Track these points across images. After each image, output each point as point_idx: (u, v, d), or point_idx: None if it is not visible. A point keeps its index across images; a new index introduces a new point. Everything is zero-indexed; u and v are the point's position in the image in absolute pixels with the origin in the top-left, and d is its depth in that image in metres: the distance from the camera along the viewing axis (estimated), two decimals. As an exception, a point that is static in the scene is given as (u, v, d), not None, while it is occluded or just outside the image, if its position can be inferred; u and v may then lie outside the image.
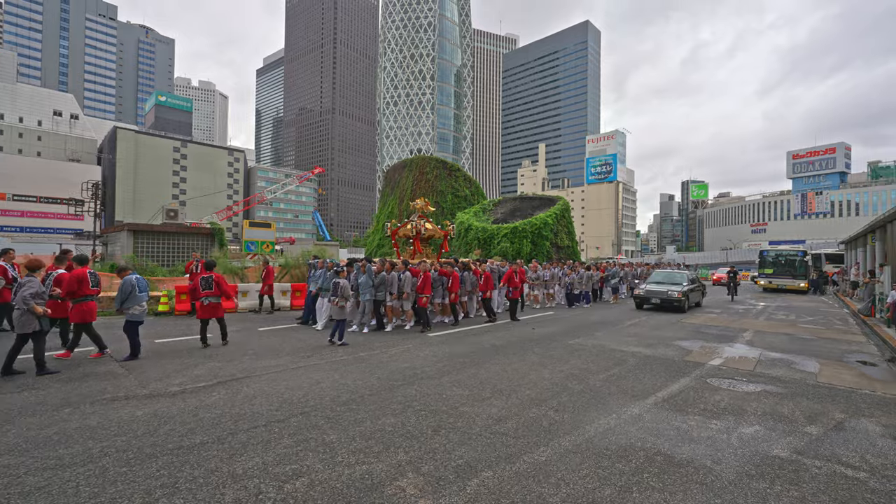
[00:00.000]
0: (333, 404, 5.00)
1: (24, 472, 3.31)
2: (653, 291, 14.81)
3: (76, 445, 3.77)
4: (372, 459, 3.64)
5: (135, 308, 6.98)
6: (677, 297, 14.23)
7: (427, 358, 7.44)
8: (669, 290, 14.56)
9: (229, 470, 3.41)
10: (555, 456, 3.78)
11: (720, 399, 5.47)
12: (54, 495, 2.99)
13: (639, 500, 3.11)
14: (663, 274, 16.84)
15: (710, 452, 3.91)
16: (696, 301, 16.13)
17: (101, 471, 3.35)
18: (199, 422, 4.38)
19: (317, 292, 10.75)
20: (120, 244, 18.57)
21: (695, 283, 16.14)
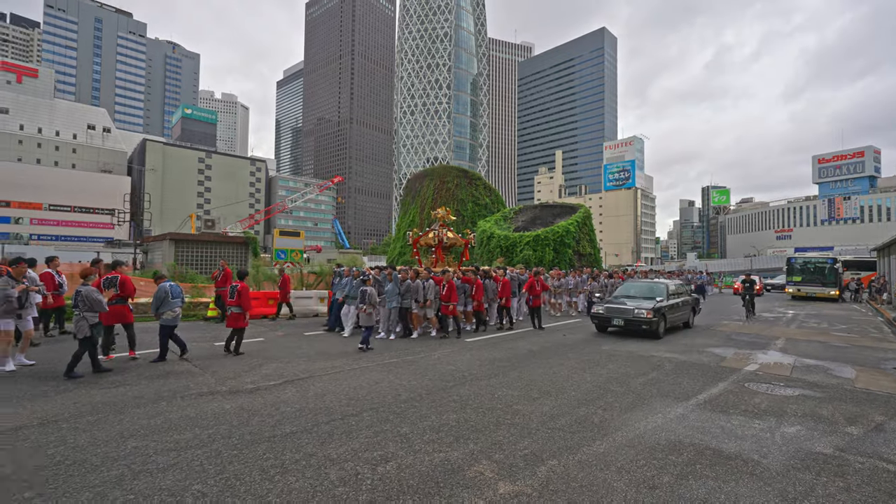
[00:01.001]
0: (396, 402, 5.45)
1: (153, 452, 3.83)
2: (614, 310, 10.93)
3: (185, 432, 4.30)
4: (446, 448, 4.07)
5: (168, 313, 7.44)
6: (646, 318, 10.32)
7: (470, 362, 7.85)
8: (637, 307, 10.59)
9: (325, 454, 3.88)
10: (611, 449, 4.14)
11: (760, 401, 5.74)
12: (186, 471, 3.50)
13: (695, 486, 3.46)
14: (638, 285, 12.76)
15: (755, 448, 4.22)
16: (684, 320, 12.42)
17: (216, 453, 3.85)
18: (283, 415, 4.87)
19: (343, 300, 10.97)
20: (161, 252, 19.56)
21: (680, 297, 12.33)
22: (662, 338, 10.57)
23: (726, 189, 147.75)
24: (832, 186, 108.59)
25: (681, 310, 12.04)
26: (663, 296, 11.51)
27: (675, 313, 11.61)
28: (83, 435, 4.19)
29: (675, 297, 11.92)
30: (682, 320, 12.29)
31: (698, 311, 13.95)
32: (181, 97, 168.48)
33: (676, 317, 11.81)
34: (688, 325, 12.68)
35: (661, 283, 12.28)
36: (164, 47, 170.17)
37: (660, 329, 10.57)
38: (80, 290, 6.58)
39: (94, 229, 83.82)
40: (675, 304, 11.70)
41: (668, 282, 12.52)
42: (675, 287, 12.49)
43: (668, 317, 11.06)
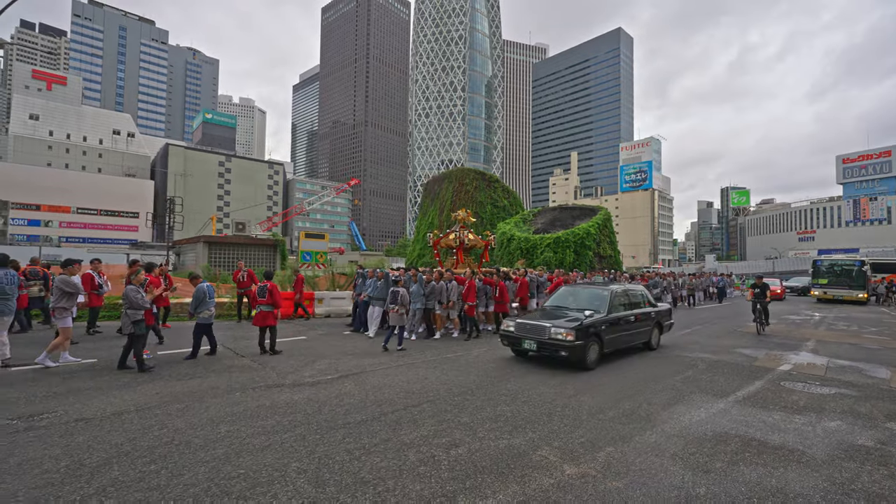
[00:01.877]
0: (450, 395, 5.81)
1: (245, 436, 4.26)
2: (527, 327, 7.80)
3: (267, 419, 4.73)
4: (507, 436, 4.42)
5: (204, 312, 7.76)
6: (564, 342, 7.23)
7: (512, 360, 8.18)
8: (555, 326, 7.45)
9: (398, 439, 4.26)
10: (661, 438, 4.44)
11: (798, 399, 5.95)
12: (280, 452, 3.92)
13: (746, 471, 3.74)
14: (580, 293, 9.15)
15: (799, 440, 4.48)
16: (642, 340, 9.18)
17: (301, 437, 4.26)
18: (350, 405, 5.28)
19: (368, 301, 11.07)
20: (195, 254, 20.34)
21: (634, 308, 9.04)
22: (596, 368, 7.50)
23: (746, 190, 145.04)
24: (857, 187, 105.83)
25: (632, 327, 8.68)
26: (601, 308, 8.18)
27: (620, 332, 8.29)
28: (178, 420, 4.65)
29: (622, 309, 8.59)
30: (635, 341, 8.92)
31: (667, 327, 10.16)
32: (201, 102, 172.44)
33: (624, 337, 8.47)
34: (649, 345, 9.35)
35: (602, 291, 8.75)
36: (184, 53, 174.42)
37: (587, 356, 7.36)
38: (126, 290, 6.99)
39: (119, 231, 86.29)
40: (621, 320, 8.36)
41: (616, 287, 9.03)
42: (625, 295, 9.02)
43: (608, 338, 7.90)
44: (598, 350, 7.69)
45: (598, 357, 7.67)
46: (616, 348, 8.36)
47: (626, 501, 3.21)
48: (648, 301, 9.74)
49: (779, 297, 25.32)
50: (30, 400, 5.20)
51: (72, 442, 4.01)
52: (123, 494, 3.13)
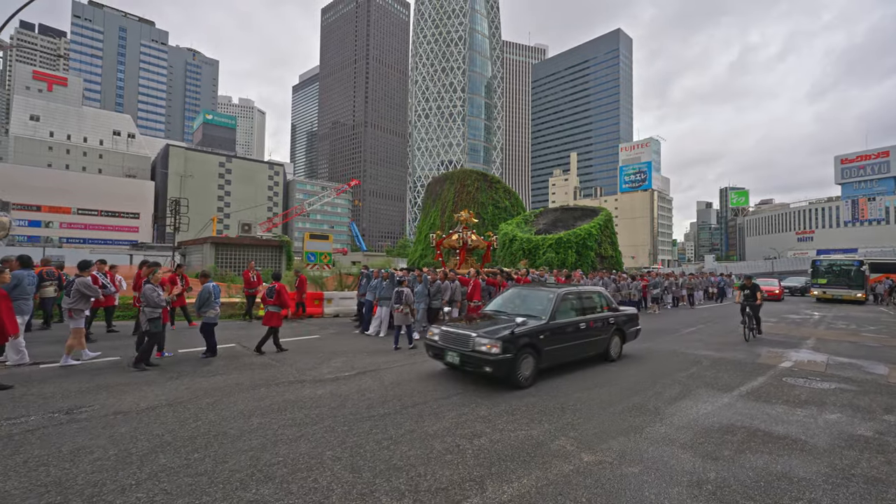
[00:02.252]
0: (465, 391, 6.04)
1: (277, 427, 4.49)
2: (451, 337, 6.61)
3: (296, 412, 4.96)
4: (525, 427, 4.65)
5: (210, 312, 7.82)
6: (489, 354, 6.02)
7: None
8: (479, 335, 6.24)
9: (422, 430, 4.50)
10: (671, 431, 4.68)
11: (799, 393, 6.20)
12: (313, 442, 4.15)
13: (753, 458, 3.98)
14: (524, 294, 8.08)
15: (801, 431, 4.72)
16: (596, 350, 7.82)
17: (330, 428, 4.50)
18: (371, 400, 5.52)
19: (376, 301, 11.11)
20: (201, 255, 20.54)
21: (586, 313, 7.70)
22: (530, 386, 6.23)
23: (745, 190, 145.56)
24: (856, 187, 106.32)
25: (583, 335, 7.34)
26: (543, 314, 6.92)
27: (565, 342, 6.97)
28: (210, 413, 4.88)
29: (572, 315, 7.33)
30: (587, 352, 7.58)
31: (631, 335, 8.68)
32: (201, 103, 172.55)
33: (571, 348, 7.15)
34: (607, 356, 7.98)
35: (547, 293, 7.46)
36: (184, 54, 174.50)
37: (517, 372, 6.10)
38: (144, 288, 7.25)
39: (119, 232, 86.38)
40: (567, 328, 7.05)
41: (564, 289, 7.65)
42: (577, 298, 7.69)
43: (549, 349, 6.59)
44: (534, 364, 6.36)
45: (533, 373, 6.35)
46: (559, 362, 7.01)
47: (642, 485, 3.44)
48: (608, 304, 8.34)
49: (776, 298, 25.40)
50: (65, 395, 5.42)
51: (115, 433, 4.24)
52: (174, 479, 3.36)
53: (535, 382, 6.47)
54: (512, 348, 6.05)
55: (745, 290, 11.49)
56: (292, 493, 3.20)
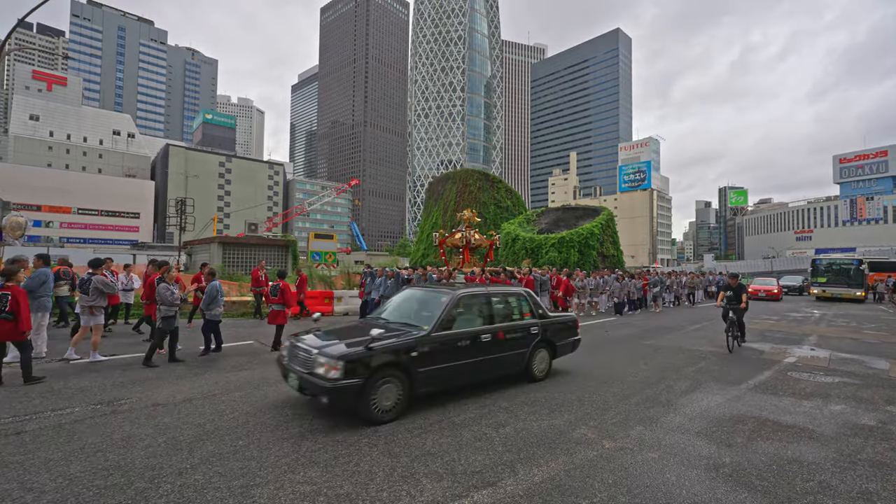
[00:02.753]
0: (482, 385, 6.27)
1: (312, 418, 4.72)
2: (297, 353, 4.99)
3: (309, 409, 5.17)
4: (546, 418, 4.89)
5: (216, 310, 7.97)
6: (325, 379, 4.41)
7: (529, 353, 8.65)
8: (323, 351, 4.68)
9: (449, 420, 4.73)
10: (685, 420, 4.92)
11: (804, 386, 6.45)
12: (347, 430, 4.37)
13: (764, 445, 4.22)
14: (417, 295, 6.43)
15: (808, 420, 4.96)
16: (513, 368, 6.23)
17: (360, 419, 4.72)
18: (395, 392, 5.74)
19: (379, 299, 11.23)
20: (208, 254, 20.74)
21: (503, 321, 6.19)
22: (392, 420, 4.70)
23: (744, 190, 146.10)
24: (854, 186, 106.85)
25: (489, 350, 5.72)
26: (427, 321, 5.40)
27: (456, 360, 5.35)
28: (244, 405, 5.11)
29: (477, 323, 5.79)
30: (495, 371, 5.93)
31: (564, 348, 6.96)
32: (200, 102, 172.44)
33: (467, 367, 5.48)
34: (528, 374, 6.34)
35: (440, 295, 5.86)
36: (183, 53, 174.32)
37: (372, 403, 4.59)
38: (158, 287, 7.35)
39: (120, 232, 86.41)
40: (459, 340, 5.43)
41: (466, 291, 6.03)
42: (486, 303, 6.08)
43: (428, 370, 5.03)
44: (401, 391, 4.77)
45: (401, 403, 4.77)
46: (447, 386, 5.38)
47: (663, 468, 3.68)
48: (532, 311, 6.59)
49: (775, 298, 25.33)
50: (101, 389, 5.64)
51: (159, 423, 4.46)
52: (226, 463, 3.59)
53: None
54: (361, 371, 4.46)
55: (727, 290, 9.76)
56: (338, 476, 3.43)
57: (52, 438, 4.02)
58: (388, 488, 3.26)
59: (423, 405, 5.19)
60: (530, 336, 6.37)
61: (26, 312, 5.99)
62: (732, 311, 9.49)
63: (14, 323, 5.68)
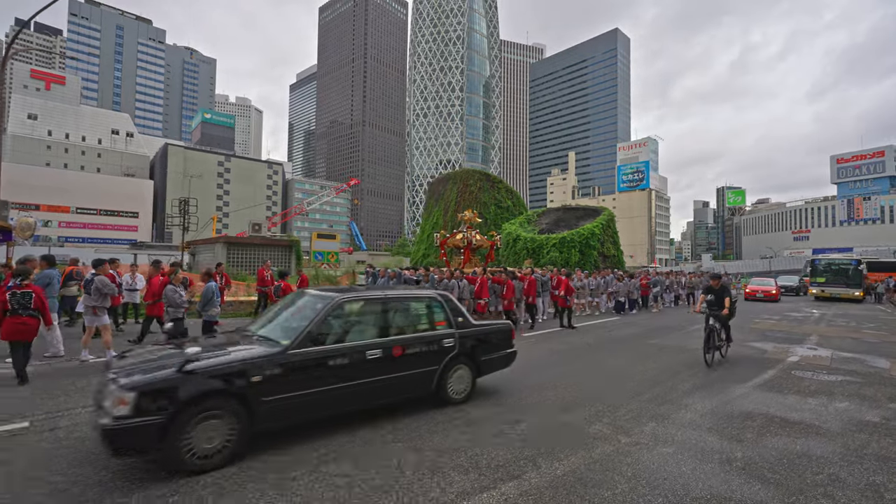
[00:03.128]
0: (494, 382, 6.42)
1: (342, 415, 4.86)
2: (108, 380, 3.61)
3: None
4: (561, 415, 5.04)
5: (212, 311, 7.83)
6: (110, 416, 3.29)
7: (538, 353, 8.81)
8: (111, 382, 3.49)
9: (466, 418, 4.88)
10: (696, 417, 5.08)
11: (808, 385, 6.62)
12: (369, 427, 4.51)
13: (773, 440, 4.38)
14: (294, 299, 5.31)
15: (814, 417, 5.13)
16: (416, 390, 5.08)
17: (376, 415, 4.86)
18: (412, 390, 5.88)
19: None
20: (213, 254, 20.84)
21: (405, 332, 5.08)
22: (210, 470, 3.52)
23: (741, 190, 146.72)
24: (851, 186, 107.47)
25: (375, 370, 4.64)
26: (290, 335, 4.34)
27: (324, 385, 4.26)
28: (267, 402, 5.23)
29: (357, 335, 4.69)
30: (388, 396, 4.84)
31: (492, 364, 5.86)
32: (198, 101, 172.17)
33: (341, 394, 4.38)
34: (440, 396, 5.25)
35: (318, 299, 4.84)
36: (181, 53, 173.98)
37: (183, 447, 3.43)
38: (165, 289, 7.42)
39: (119, 231, 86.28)
40: (331, 359, 4.34)
41: (345, 296, 4.86)
42: (380, 310, 5.00)
43: (274, 401, 3.92)
44: (236, 428, 3.68)
45: (226, 445, 3.63)
46: (313, 417, 4.29)
47: (678, 462, 3.84)
48: (448, 318, 5.40)
49: (773, 299, 24.61)
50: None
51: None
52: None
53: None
54: (162, 404, 3.39)
55: (708, 294, 8.37)
56: (367, 470, 3.57)
57: (88, 434, 4.15)
58: (418, 480, 3.40)
59: (433, 407, 5.34)
60: (443, 350, 5.19)
61: (47, 310, 6.13)
62: (714, 318, 7.99)
63: (39, 320, 5.81)
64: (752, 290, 25.64)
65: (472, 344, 5.55)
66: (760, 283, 27.12)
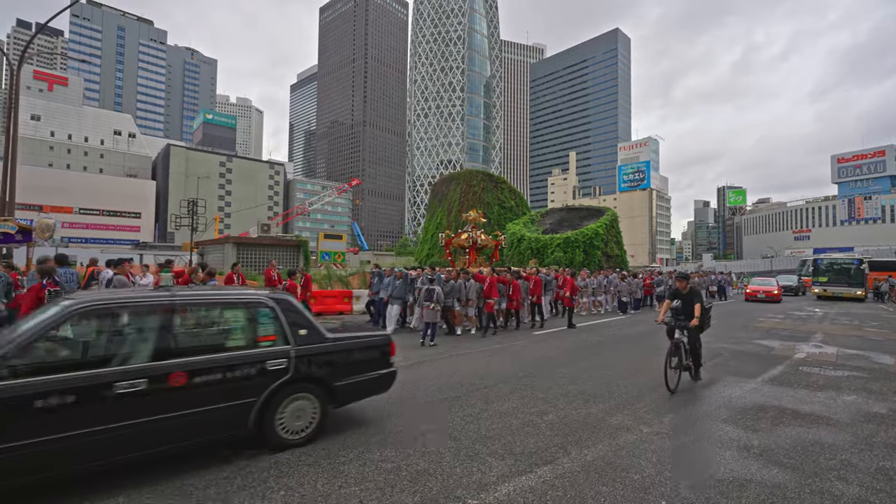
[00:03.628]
0: (516, 377, 6.68)
1: (379, 405, 5.11)
2: None
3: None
4: (582, 407, 5.29)
5: None
6: None
7: (552, 349, 9.06)
8: None
9: (495, 409, 5.13)
10: (711, 408, 5.33)
11: (816, 379, 6.87)
12: (407, 418, 4.76)
13: (787, 430, 4.63)
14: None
15: (824, 409, 5.38)
16: (210, 430, 3.63)
17: (416, 406, 5.12)
18: (439, 385, 6.14)
19: (388, 299, 11.16)
20: (222, 254, 21.10)
21: (195, 349, 3.67)
22: None
23: (742, 189, 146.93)
24: (852, 186, 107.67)
25: (114, 411, 3.18)
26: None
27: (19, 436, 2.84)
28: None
29: (112, 358, 3.29)
30: (165, 442, 3.43)
31: (356, 390, 4.54)
32: (199, 102, 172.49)
33: (61, 446, 2.98)
34: (269, 438, 3.89)
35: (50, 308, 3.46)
36: (182, 53, 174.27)
37: None
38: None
39: (121, 232, 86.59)
40: (31, 396, 2.91)
41: (74, 304, 3.30)
42: (150, 322, 3.57)
43: None
44: None
45: None
46: (21, 479, 2.95)
47: (700, 449, 4.09)
48: (282, 331, 4.11)
49: (775, 300, 23.67)
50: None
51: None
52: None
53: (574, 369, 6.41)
54: None
55: (674, 299, 6.79)
56: (410, 455, 3.82)
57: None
58: (459, 465, 3.65)
59: (468, 398, 5.59)
60: (266, 375, 3.88)
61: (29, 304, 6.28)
62: (681, 331, 6.46)
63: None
64: (752, 290, 25.22)
65: (320, 365, 4.24)
66: (762, 282, 26.68)
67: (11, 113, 17.38)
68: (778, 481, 3.48)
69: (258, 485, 3.31)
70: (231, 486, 3.29)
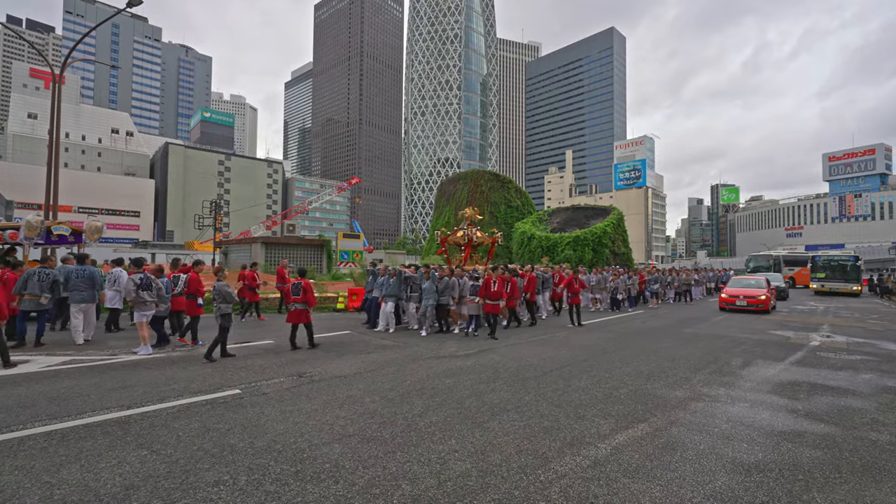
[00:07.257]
0: (574, 362, 7.62)
1: (471, 384, 6.02)
2: None
3: (465, 377, 6.47)
4: (645, 383, 6.25)
5: (224, 308, 7.68)
6: None
7: (592, 339, 10.02)
8: None
9: (576, 385, 6.06)
10: (754, 384, 6.31)
11: (835, 362, 7.89)
12: (507, 392, 5.69)
13: (821, 398, 5.62)
14: None
15: (847, 384, 6.38)
16: None
17: (507, 384, 6.05)
18: (517, 367, 7.07)
19: (382, 299, 11.08)
20: (249, 254, 21.85)
21: None
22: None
23: (736, 187, 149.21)
24: (843, 184, 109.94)
25: None
26: None
27: None
28: (408, 376, 6.38)
29: None
30: None
31: None
32: (194, 100, 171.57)
33: None
34: None
35: None
36: (177, 51, 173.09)
37: None
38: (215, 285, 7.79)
39: (121, 231, 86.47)
40: None
41: None
42: None
43: None
44: None
45: None
46: None
47: (756, 412, 5.06)
48: None
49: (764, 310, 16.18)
50: (263, 369, 6.89)
51: (355, 388, 5.74)
52: (441, 412, 4.88)
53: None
54: None
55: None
56: (531, 417, 4.75)
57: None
58: (575, 423, 4.58)
59: (548, 376, 6.51)
60: None
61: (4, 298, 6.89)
62: None
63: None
64: (729, 294, 17.06)
65: None
66: (742, 283, 18.39)
67: (54, 120, 18.04)
68: (826, 432, 4.45)
69: (621, 372, 4.24)
70: (612, 374, 4.22)
